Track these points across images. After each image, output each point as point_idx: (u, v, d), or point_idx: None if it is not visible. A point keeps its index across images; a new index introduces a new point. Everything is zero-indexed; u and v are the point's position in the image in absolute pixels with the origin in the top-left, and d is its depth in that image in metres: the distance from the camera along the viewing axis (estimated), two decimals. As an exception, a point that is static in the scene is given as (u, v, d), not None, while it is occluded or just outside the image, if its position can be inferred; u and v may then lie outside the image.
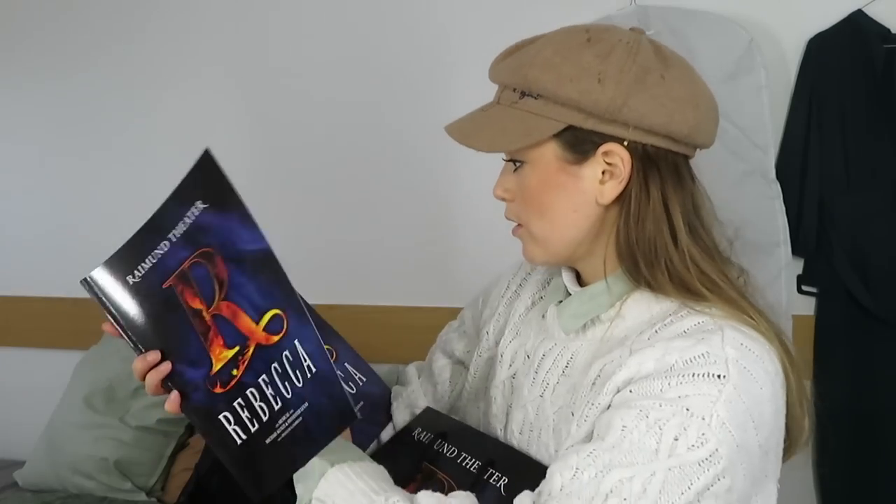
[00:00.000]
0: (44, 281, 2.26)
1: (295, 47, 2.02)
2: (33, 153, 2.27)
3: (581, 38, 0.78)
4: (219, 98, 2.09)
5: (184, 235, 0.83)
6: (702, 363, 0.71)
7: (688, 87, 0.78)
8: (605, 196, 0.79)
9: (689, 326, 0.75)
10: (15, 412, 2.25)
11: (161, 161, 2.15)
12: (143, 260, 0.85)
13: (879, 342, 1.64)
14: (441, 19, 1.92)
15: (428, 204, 1.97)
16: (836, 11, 1.65)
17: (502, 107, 0.81)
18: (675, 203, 0.78)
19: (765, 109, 1.66)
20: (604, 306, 0.82)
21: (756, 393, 0.71)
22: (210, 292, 0.84)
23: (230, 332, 0.84)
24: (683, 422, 0.68)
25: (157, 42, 2.13)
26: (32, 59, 2.22)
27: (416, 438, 0.93)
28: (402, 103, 1.96)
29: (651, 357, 0.73)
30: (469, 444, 0.89)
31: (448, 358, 1.05)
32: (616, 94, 0.75)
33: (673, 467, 0.67)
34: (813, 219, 1.68)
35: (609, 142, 0.77)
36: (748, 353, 0.73)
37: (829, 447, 1.66)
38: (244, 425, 0.84)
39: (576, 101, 0.75)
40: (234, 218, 0.83)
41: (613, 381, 0.75)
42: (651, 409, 0.70)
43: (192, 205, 0.83)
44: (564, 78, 0.76)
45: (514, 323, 0.96)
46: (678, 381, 0.71)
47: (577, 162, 0.79)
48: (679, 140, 0.78)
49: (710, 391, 0.69)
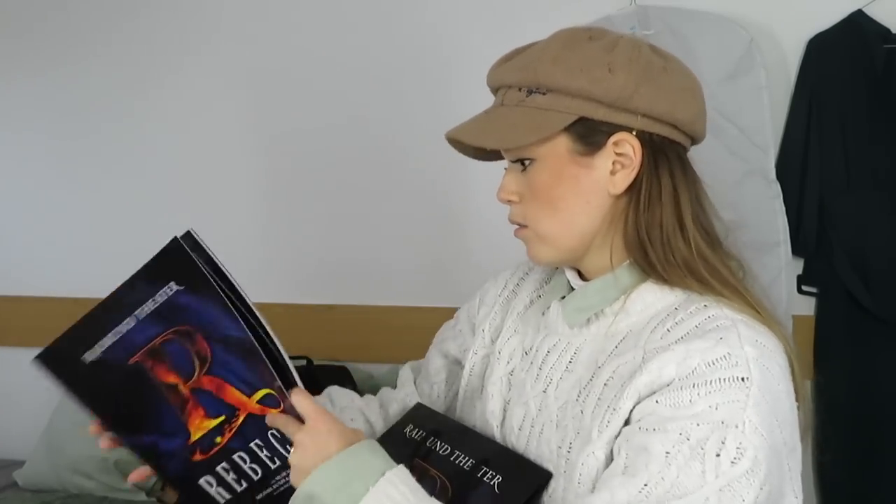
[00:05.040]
0: (44, 281, 2.26)
1: (297, 47, 2.02)
2: (33, 153, 2.27)
3: (583, 35, 0.81)
4: (220, 98, 2.09)
5: (154, 314, 0.80)
6: (725, 366, 0.71)
7: (686, 78, 0.82)
8: (618, 186, 0.80)
9: (701, 321, 0.75)
10: (15, 412, 2.24)
11: (161, 161, 2.16)
12: (102, 336, 0.81)
13: (879, 342, 1.64)
14: (441, 19, 1.91)
15: (428, 204, 1.97)
16: (836, 11, 1.65)
17: (507, 107, 0.82)
18: (683, 191, 0.80)
19: (765, 109, 1.66)
20: (609, 299, 0.82)
21: (776, 390, 0.72)
22: (188, 367, 0.82)
23: (213, 404, 0.83)
24: (721, 435, 0.68)
25: (155, 43, 2.12)
26: (32, 59, 2.22)
27: (407, 435, 0.93)
28: (403, 104, 1.96)
29: (671, 361, 0.73)
30: (462, 442, 0.89)
31: (444, 358, 1.05)
32: (627, 81, 0.77)
33: (723, 487, 0.67)
34: (813, 219, 1.68)
35: (619, 132, 0.78)
36: (764, 349, 0.73)
37: (829, 446, 1.66)
38: (229, 486, 0.87)
39: (587, 91, 0.77)
40: (214, 305, 0.80)
41: (634, 386, 0.74)
42: (691, 431, 0.69)
43: (164, 285, 0.79)
44: (575, 69, 0.77)
45: (513, 320, 0.96)
46: (706, 389, 0.70)
47: (588, 153, 0.80)
48: (682, 129, 0.80)
49: (739, 397, 0.69)
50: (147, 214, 2.17)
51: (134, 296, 0.80)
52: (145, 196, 2.18)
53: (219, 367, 0.82)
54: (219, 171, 2.12)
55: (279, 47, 2.04)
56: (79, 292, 2.23)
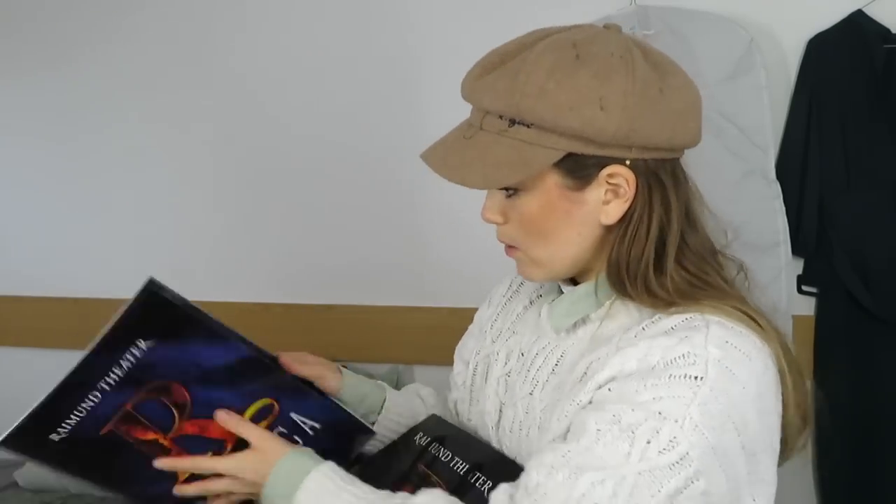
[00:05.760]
0: (44, 281, 2.26)
1: (293, 46, 2.02)
2: (33, 153, 2.27)
3: (569, 55, 0.73)
4: (220, 98, 2.09)
5: (122, 380, 0.77)
6: (681, 364, 0.70)
7: (685, 95, 0.76)
8: (611, 216, 0.77)
9: (677, 322, 0.74)
10: (15, 412, 2.23)
11: (161, 162, 2.16)
12: (67, 417, 0.77)
13: (879, 342, 1.64)
14: (440, 19, 1.91)
15: (429, 204, 1.97)
16: (836, 11, 1.65)
17: (488, 134, 0.76)
18: (674, 214, 0.77)
19: (765, 109, 1.66)
20: (593, 306, 0.82)
21: (737, 393, 0.70)
22: (167, 421, 0.81)
23: (199, 444, 0.83)
24: (656, 425, 0.68)
25: (152, 44, 2.13)
26: (31, 60, 2.22)
27: (416, 442, 0.95)
28: (402, 103, 1.96)
29: (634, 356, 0.73)
30: (462, 448, 0.90)
31: (464, 363, 1.05)
32: (622, 120, 0.72)
33: (643, 471, 0.67)
34: (813, 219, 1.67)
35: (611, 164, 0.75)
36: (733, 350, 0.71)
37: (829, 447, 1.66)
38: None
39: (578, 131, 0.72)
40: (195, 342, 0.79)
41: (596, 380, 0.74)
42: (623, 414, 0.70)
43: (129, 347, 0.76)
44: (563, 107, 0.71)
45: (512, 321, 0.96)
46: (654, 382, 0.70)
47: (579, 188, 0.76)
48: (679, 149, 0.78)
49: (685, 393, 0.69)
50: (147, 214, 2.18)
51: (96, 370, 0.76)
52: (145, 196, 2.18)
53: (201, 407, 0.82)
54: (218, 170, 2.12)
55: (279, 46, 2.03)
56: (79, 292, 2.24)
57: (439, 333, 1.08)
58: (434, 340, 1.49)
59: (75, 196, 2.24)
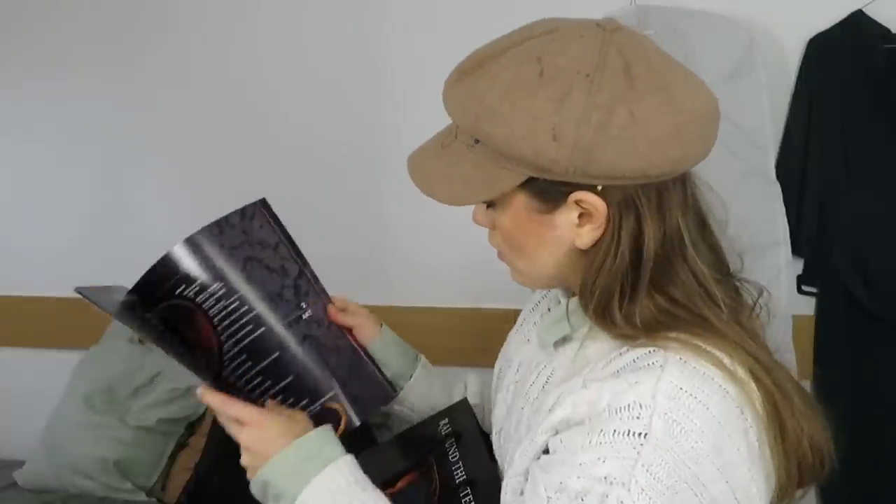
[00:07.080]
0: (44, 281, 2.26)
1: (288, 46, 2.02)
2: (34, 153, 2.27)
3: (532, 71, 0.68)
4: (219, 99, 2.09)
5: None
6: (625, 417, 0.65)
7: (667, 117, 0.67)
8: (583, 240, 0.72)
9: (634, 358, 0.69)
10: (15, 412, 2.24)
11: (161, 162, 2.16)
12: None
13: (879, 342, 1.64)
14: (438, 17, 1.91)
15: (429, 204, 1.97)
16: (836, 11, 1.65)
17: (461, 145, 0.73)
18: (650, 237, 0.70)
19: (765, 109, 1.66)
20: (577, 325, 0.78)
21: (687, 449, 0.64)
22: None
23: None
24: (604, 491, 0.64)
25: (142, 46, 2.13)
26: (32, 60, 2.22)
27: (439, 430, 0.94)
28: (404, 99, 1.96)
29: (584, 401, 0.69)
30: (471, 453, 0.89)
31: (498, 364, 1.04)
32: (574, 153, 0.66)
33: None
34: (813, 219, 1.68)
35: (578, 190, 0.69)
36: (686, 399, 0.65)
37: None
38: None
39: (531, 161, 0.67)
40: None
41: (549, 421, 0.71)
42: (569, 481, 0.66)
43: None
44: (515, 136, 0.67)
45: (528, 329, 0.93)
46: (598, 440, 0.66)
47: (548, 211, 0.72)
48: (660, 177, 0.69)
49: (628, 453, 0.64)
50: (147, 215, 2.18)
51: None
52: (145, 196, 2.18)
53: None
54: (217, 171, 2.12)
55: (278, 47, 2.04)
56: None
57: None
58: (432, 341, 1.49)
59: (76, 196, 2.24)
